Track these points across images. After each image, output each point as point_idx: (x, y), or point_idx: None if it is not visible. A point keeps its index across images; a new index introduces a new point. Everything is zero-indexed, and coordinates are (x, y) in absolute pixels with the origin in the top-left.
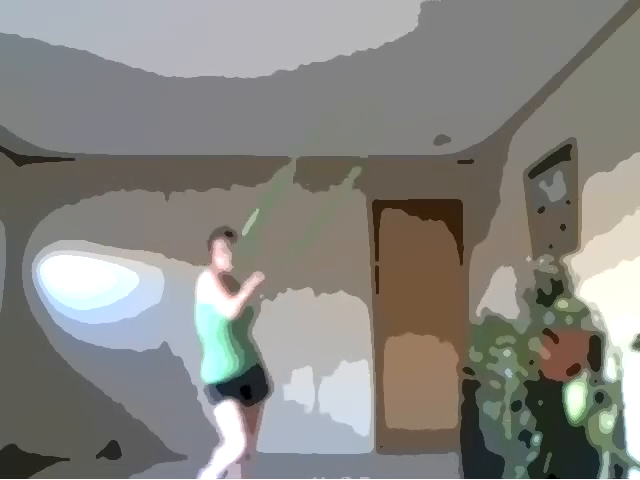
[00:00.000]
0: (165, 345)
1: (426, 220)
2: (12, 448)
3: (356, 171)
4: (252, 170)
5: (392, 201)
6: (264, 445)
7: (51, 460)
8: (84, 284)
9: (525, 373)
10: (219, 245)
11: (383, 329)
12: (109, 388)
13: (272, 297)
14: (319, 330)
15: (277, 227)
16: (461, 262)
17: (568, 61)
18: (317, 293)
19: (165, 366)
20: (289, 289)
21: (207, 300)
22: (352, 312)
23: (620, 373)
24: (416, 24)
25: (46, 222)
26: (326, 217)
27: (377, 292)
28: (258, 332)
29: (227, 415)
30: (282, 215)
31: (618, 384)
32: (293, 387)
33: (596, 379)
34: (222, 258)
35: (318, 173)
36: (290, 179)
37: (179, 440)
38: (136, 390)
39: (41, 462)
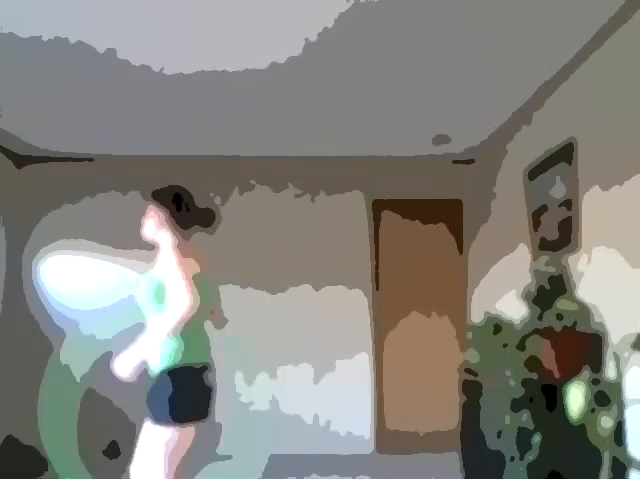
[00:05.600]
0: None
1: (426, 220)
2: (12, 445)
3: None
4: (255, 171)
5: (392, 201)
6: (265, 446)
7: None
8: (84, 284)
9: (525, 373)
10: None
11: (383, 330)
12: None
13: (273, 293)
14: (318, 330)
15: (277, 227)
16: (461, 262)
17: (568, 60)
18: (317, 292)
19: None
20: (289, 287)
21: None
22: (351, 313)
23: (620, 373)
24: (416, 24)
25: (46, 222)
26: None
27: (377, 291)
28: (256, 330)
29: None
30: (281, 215)
31: (618, 384)
32: (293, 386)
33: (596, 379)
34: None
35: (317, 173)
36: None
37: None
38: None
39: (42, 459)
